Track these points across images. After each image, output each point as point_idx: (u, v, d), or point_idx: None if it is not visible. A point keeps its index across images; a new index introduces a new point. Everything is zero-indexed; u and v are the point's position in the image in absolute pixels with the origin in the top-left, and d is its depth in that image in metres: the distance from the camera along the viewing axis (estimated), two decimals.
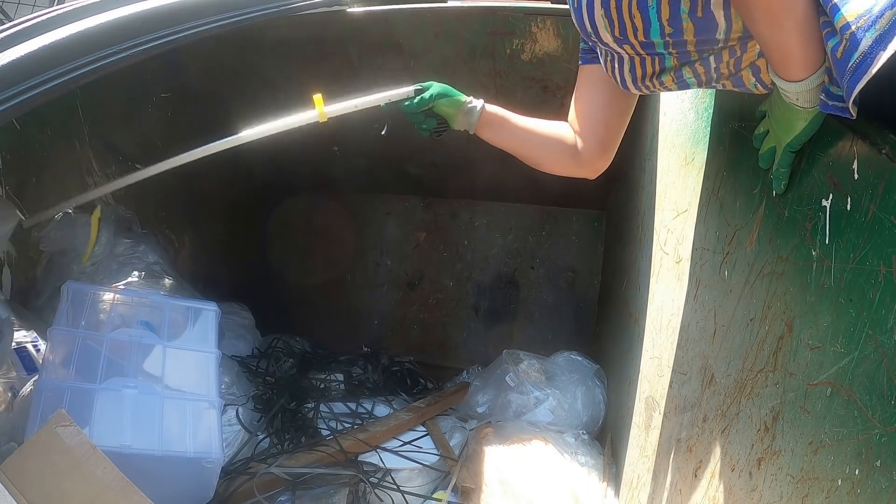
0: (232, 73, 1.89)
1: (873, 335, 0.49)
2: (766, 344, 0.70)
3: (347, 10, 1.53)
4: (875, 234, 0.51)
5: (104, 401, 1.08)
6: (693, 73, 0.73)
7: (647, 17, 0.65)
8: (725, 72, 0.71)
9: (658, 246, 1.32)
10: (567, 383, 1.76)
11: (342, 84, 1.90)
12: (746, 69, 0.69)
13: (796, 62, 0.67)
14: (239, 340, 1.89)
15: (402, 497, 1.41)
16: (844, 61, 0.54)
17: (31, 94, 0.75)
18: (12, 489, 0.68)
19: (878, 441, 0.46)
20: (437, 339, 2.32)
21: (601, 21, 0.69)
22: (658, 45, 0.68)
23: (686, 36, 0.65)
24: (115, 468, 0.76)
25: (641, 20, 0.65)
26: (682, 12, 0.63)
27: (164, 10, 0.98)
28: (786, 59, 0.67)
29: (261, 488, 1.28)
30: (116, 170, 1.70)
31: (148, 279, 1.49)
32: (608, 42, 0.71)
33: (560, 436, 1.59)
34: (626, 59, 0.73)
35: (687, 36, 0.65)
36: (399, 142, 2.10)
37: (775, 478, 0.62)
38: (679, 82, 0.75)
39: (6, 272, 1.30)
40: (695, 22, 0.64)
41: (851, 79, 0.53)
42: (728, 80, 0.72)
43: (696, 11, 0.63)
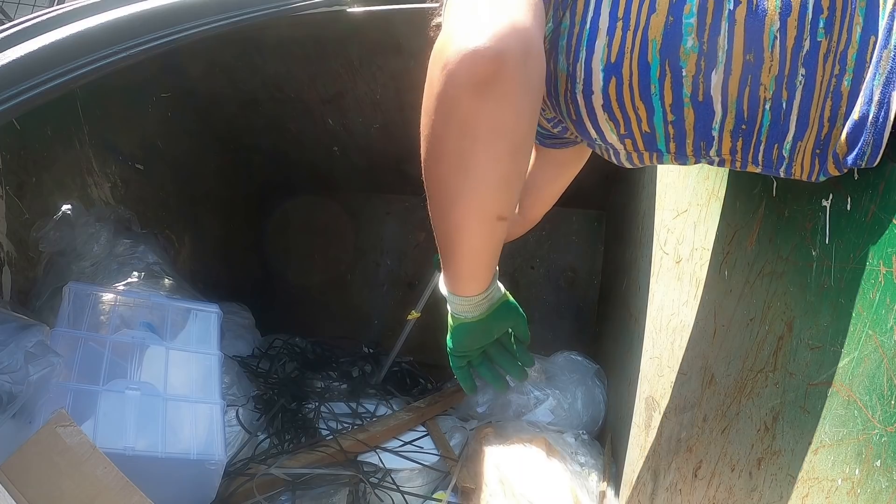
0: (232, 73, 1.89)
1: (873, 335, 0.49)
2: (766, 344, 0.70)
3: (347, 10, 1.53)
4: (875, 234, 0.51)
5: (107, 402, 1.09)
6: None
7: (651, 104, 0.62)
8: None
9: (658, 246, 1.32)
10: (567, 383, 1.76)
11: (342, 84, 1.91)
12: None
13: (462, 273, 0.68)
14: (239, 340, 1.89)
15: (402, 497, 1.41)
16: (862, 120, 0.53)
17: (31, 94, 0.75)
18: (12, 489, 0.68)
19: (878, 441, 0.46)
20: (437, 339, 2.32)
21: (606, 125, 0.66)
22: (659, 139, 0.65)
23: (686, 125, 0.62)
24: (115, 468, 0.76)
25: (645, 109, 0.63)
26: (685, 97, 0.60)
27: (164, 10, 0.98)
28: (449, 264, 0.67)
29: (261, 489, 1.29)
30: (116, 170, 1.70)
31: (148, 279, 1.50)
32: (612, 142, 0.68)
33: (560, 436, 1.59)
34: (623, 154, 0.70)
35: (687, 125, 0.62)
36: (399, 142, 2.11)
37: (775, 478, 0.62)
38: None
39: (6, 272, 1.30)
40: (696, 108, 0.61)
41: (875, 130, 0.52)
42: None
43: (698, 95, 0.60)
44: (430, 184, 0.61)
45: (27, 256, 1.37)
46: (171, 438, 1.12)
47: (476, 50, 0.51)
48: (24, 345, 0.94)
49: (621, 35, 0.61)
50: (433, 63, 0.55)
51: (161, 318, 1.32)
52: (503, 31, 0.52)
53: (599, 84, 0.63)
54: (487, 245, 0.65)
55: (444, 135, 0.55)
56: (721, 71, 0.58)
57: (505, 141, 0.55)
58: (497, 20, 0.53)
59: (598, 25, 0.62)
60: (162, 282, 1.53)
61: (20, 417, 0.92)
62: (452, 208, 0.60)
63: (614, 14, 0.62)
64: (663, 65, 0.60)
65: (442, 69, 0.53)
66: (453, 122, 0.54)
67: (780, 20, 0.56)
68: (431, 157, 0.58)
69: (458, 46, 0.52)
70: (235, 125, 2.16)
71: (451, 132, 0.55)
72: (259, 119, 2.12)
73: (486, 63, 0.51)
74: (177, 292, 1.53)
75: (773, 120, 0.59)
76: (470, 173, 0.57)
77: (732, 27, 0.57)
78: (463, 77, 0.52)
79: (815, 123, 0.57)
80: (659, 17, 0.59)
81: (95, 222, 1.49)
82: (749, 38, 0.57)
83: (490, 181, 0.57)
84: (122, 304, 1.29)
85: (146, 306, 1.32)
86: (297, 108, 2.01)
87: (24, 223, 1.35)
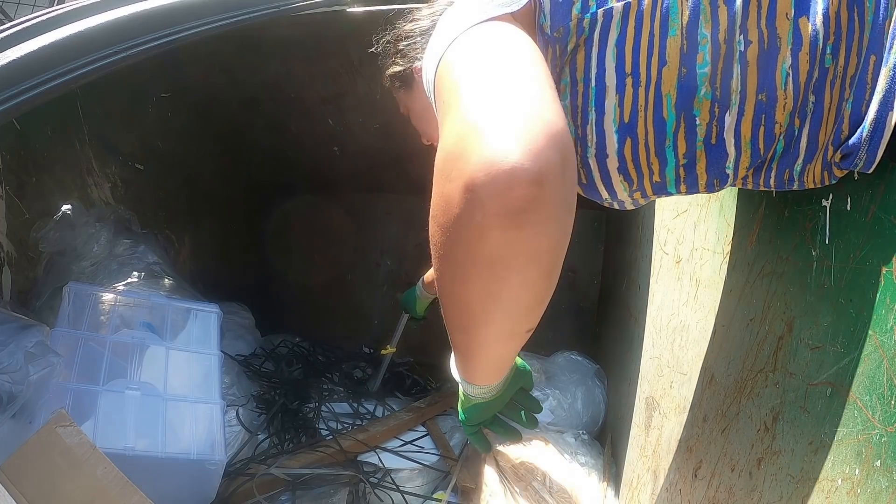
0: (232, 73, 1.89)
1: (873, 335, 0.49)
2: (766, 344, 0.70)
3: (347, 10, 1.52)
4: (875, 234, 0.51)
5: (107, 403, 1.09)
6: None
7: (665, 157, 0.59)
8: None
9: (658, 246, 1.32)
10: (567, 383, 1.76)
11: (342, 84, 1.91)
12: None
13: (482, 373, 0.66)
14: (239, 340, 1.89)
15: (402, 497, 1.41)
16: (858, 138, 0.53)
17: (31, 94, 0.75)
18: (12, 489, 0.68)
19: (878, 441, 0.46)
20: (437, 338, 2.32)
21: (620, 186, 0.62)
22: (670, 184, 0.62)
23: (698, 168, 0.60)
24: (115, 468, 0.76)
25: (658, 163, 0.59)
26: (698, 142, 0.58)
27: (164, 10, 0.98)
28: (469, 366, 0.64)
29: (261, 489, 1.29)
30: (116, 170, 1.70)
31: (148, 279, 1.50)
32: (623, 199, 0.65)
33: (560, 436, 1.59)
34: (630, 203, 0.67)
35: (699, 168, 0.60)
36: (399, 142, 2.10)
37: (775, 478, 0.62)
38: None
39: (6, 272, 1.30)
40: (707, 151, 0.58)
41: (870, 148, 0.52)
42: None
43: (711, 139, 0.57)
44: (448, 301, 0.53)
45: (27, 256, 1.37)
46: (171, 438, 1.12)
47: (512, 171, 0.41)
48: (24, 345, 0.94)
49: (633, 92, 0.57)
50: (446, 172, 0.45)
51: (161, 318, 1.32)
52: (541, 141, 0.42)
53: (614, 146, 0.60)
54: (514, 352, 0.61)
55: (468, 263, 0.47)
56: (734, 113, 0.56)
57: (541, 266, 0.47)
58: (531, 123, 0.43)
59: (605, 83, 0.58)
60: (162, 282, 1.53)
61: (20, 417, 0.92)
62: (479, 329, 0.53)
63: (621, 69, 0.58)
64: (679, 118, 0.57)
65: (465, 189, 0.43)
66: (480, 253, 0.45)
67: (792, 56, 0.54)
68: (451, 280, 0.50)
69: (487, 162, 0.42)
70: (235, 125, 2.15)
71: (477, 261, 0.46)
72: (259, 119, 2.12)
73: (525, 188, 0.41)
74: (177, 292, 1.53)
75: (786, 147, 0.58)
76: (501, 301, 0.49)
77: (745, 69, 0.55)
78: (495, 205, 0.42)
79: (823, 147, 0.57)
80: (671, 71, 0.56)
81: (95, 222, 1.49)
82: (762, 77, 0.55)
83: (523, 305, 0.51)
84: (122, 304, 1.29)
85: (146, 306, 1.32)
86: (297, 108, 2.01)
87: (24, 223, 1.35)
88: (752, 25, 0.54)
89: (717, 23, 0.55)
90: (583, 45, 0.59)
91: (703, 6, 0.55)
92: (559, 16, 0.59)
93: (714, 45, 0.55)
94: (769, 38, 0.54)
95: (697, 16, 0.55)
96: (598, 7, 0.58)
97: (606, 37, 0.58)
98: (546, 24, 0.59)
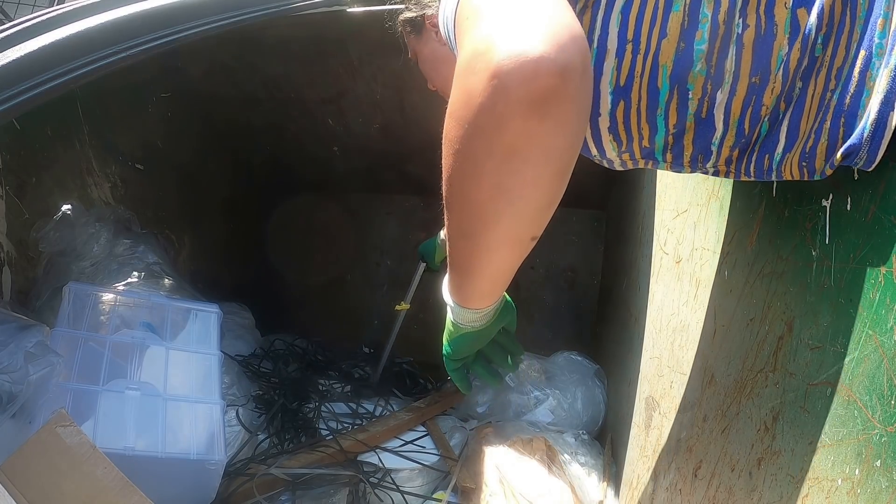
0: (232, 73, 1.89)
1: (873, 335, 0.49)
2: (766, 344, 0.70)
3: (347, 10, 1.53)
4: (875, 234, 0.51)
5: (107, 402, 1.09)
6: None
7: (655, 125, 0.61)
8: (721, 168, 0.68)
9: (658, 246, 1.32)
10: (567, 383, 1.76)
11: (342, 84, 1.91)
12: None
13: (479, 290, 0.65)
14: (239, 340, 1.89)
15: (402, 497, 1.41)
16: (859, 137, 0.53)
17: (31, 94, 0.75)
18: (12, 489, 0.68)
19: (878, 441, 0.46)
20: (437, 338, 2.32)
21: (609, 144, 0.64)
22: (658, 151, 0.64)
23: (685, 139, 0.62)
24: (115, 468, 0.76)
25: (648, 129, 0.62)
26: (688, 115, 0.59)
27: (164, 10, 0.98)
28: (467, 281, 0.64)
29: (261, 489, 1.29)
30: (116, 170, 1.70)
31: (148, 279, 1.50)
32: (611, 157, 0.67)
33: (560, 436, 1.59)
34: (618, 163, 0.69)
35: (686, 140, 0.62)
36: (399, 142, 2.11)
37: (775, 478, 0.62)
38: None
39: (6, 272, 1.30)
40: (696, 124, 0.60)
41: (871, 147, 0.52)
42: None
43: (701, 113, 0.59)
44: (456, 203, 0.54)
45: (27, 256, 1.37)
46: (171, 438, 1.12)
47: (538, 60, 0.42)
48: (24, 345, 0.94)
49: (631, 58, 0.59)
50: (471, 67, 0.46)
51: (161, 318, 1.32)
52: (565, 38, 0.44)
53: (607, 107, 0.61)
54: (516, 265, 0.61)
55: (484, 154, 0.47)
56: (726, 91, 0.58)
57: (556, 164, 0.48)
58: (555, 23, 0.45)
59: (606, 46, 0.60)
60: (162, 282, 1.53)
61: (20, 417, 0.92)
62: (485, 232, 0.54)
63: (623, 35, 0.59)
64: (672, 89, 0.59)
65: (490, 77, 0.44)
66: (499, 142, 0.46)
67: (789, 44, 0.55)
68: (462, 176, 0.50)
69: (514, 52, 0.43)
70: (235, 125, 2.16)
71: (494, 153, 0.47)
72: (259, 119, 2.12)
73: (549, 77, 0.43)
74: (177, 292, 1.53)
75: (769, 130, 0.59)
76: (513, 198, 0.50)
77: (740, 51, 0.56)
78: (520, 92, 0.43)
79: (804, 136, 0.58)
80: (670, 43, 0.58)
81: (95, 222, 1.49)
82: (757, 61, 0.56)
83: (533, 206, 0.51)
84: (122, 304, 1.29)
85: (146, 306, 1.32)
86: (297, 108, 2.01)
87: (24, 223, 1.35)
88: (751, 10, 0.56)
89: (719, 4, 0.57)
90: (590, 6, 0.60)
91: None
92: None
93: (713, 24, 0.57)
94: (766, 24, 0.56)
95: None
96: None
97: (613, 2, 0.59)
98: None
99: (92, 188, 1.60)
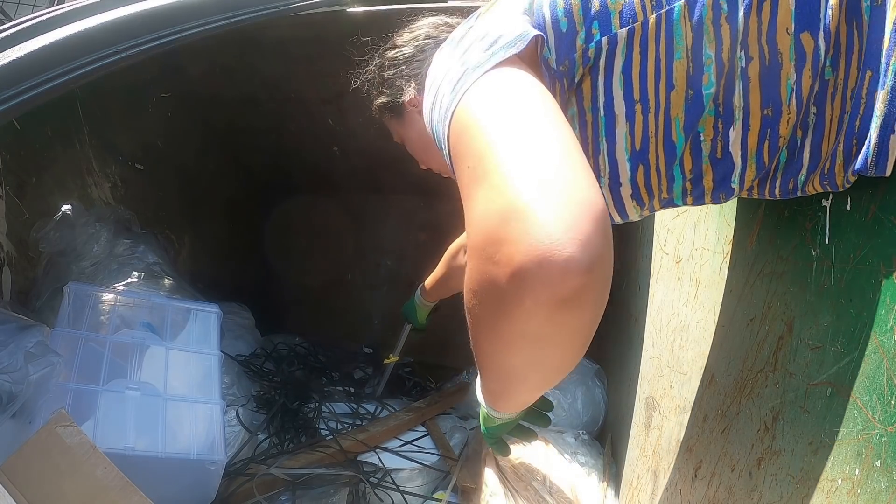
0: (232, 73, 1.89)
1: (873, 335, 0.49)
2: (766, 344, 0.70)
3: (347, 10, 1.53)
4: (875, 234, 0.51)
5: (107, 403, 1.09)
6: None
7: (673, 175, 0.60)
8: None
9: (658, 246, 1.32)
10: (567, 383, 1.76)
11: (342, 84, 1.90)
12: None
13: (511, 408, 0.69)
14: (239, 340, 1.89)
15: (402, 497, 1.41)
16: (864, 163, 0.52)
17: (31, 94, 0.75)
18: (12, 489, 0.68)
19: (878, 441, 0.46)
20: (437, 338, 2.32)
21: (633, 210, 0.63)
22: (677, 198, 0.63)
23: (705, 182, 0.61)
24: (115, 468, 0.76)
25: (667, 182, 0.61)
26: (703, 157, 0.58)
27: (164, 10, 0.98)
28: (499, 403, 0.66)
29: (261, 489, 1.29)
30: (116, 170, 1.70)
31: (147, 280, 1.50)
32: (633, 218, 0.66)
33: (560, 436, 1.59)
34: (637, 217, 0.67)
35: (706, 182, 0.60)
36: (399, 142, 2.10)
37: (775, 478, 0.62)
38: None
39: (6, 272, 1.30)
40: (713, 164, 0.59)
41: (877, 171, 0.51)
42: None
43: (716, 153, 0.58)
44: (485, 361, 0.54)
45: (27, 256, 1.37)
46: (171, 438, 1.12)
47: (565, 265, 0.41)
48: (24, 345, 0.94)
49: (643, 119, 0.58)
50: (490, 254, 0.44)
51: (161, 318, 1.32)
52: (588, 227, 0.42)
53: (627, 175, 0.60)
54: (549, 388, 0.62)
55: (515, 336, 0.47)
56: (739, 128, 0.56)
57: (583, 337, 0.48)
58: (575, 209, 0.42)
59: (613, 112, 0.58)
60: (162, 282, 1.53)
61: (20, 417, 0.92)
62: (514, 387, 0.56)
63: (630, 96, 0.57)
64: (688, 139, 0.58)
65: (513, 276, 0.42)
66: (528, 332, 0.46)
67: (797, 72, 0.54)
68: (491, 348, 0.50)
69: (538, 255, 0.41)
70: (235, 125, 2.15)
71: (525, 336, 0.46)
72: (259, 119, 2.12)
73: (576, 278, 0.41)
74: (177, 292, 1.53)
75: (789, 157, 0.58)
76: (546, 365, 0.51)
77: (747, 85, 0.55)
78: (546, 295, 0.42)
79: (825, 158, 0.57)
80: (678, 94, 0.56)
81: (95, 222, 1.49)
82: (765, 93, 0.55)
83: (559, 367, 0.52)
84: (122, 304, 1.29)
85: (146, 306, 1.32)
86: (297, 108, 2.01)
87: (24, 223, 1.35)
88: (752, 41, 0.54)
89: (721, 41, 0.55)
90: (588, 73, 0.58)
91: (705, 25, 0.55)
92: (564, 49, 0.58)
93: (718, 63, 0.55)
94: (770, 55, 0.54)
95: (701, 36, 0.55)
96: (602, 35, 0.57)
97: (612, 64, 0.57)
98: (551, 59, 0.58)
99: (92, 188, 1.60)
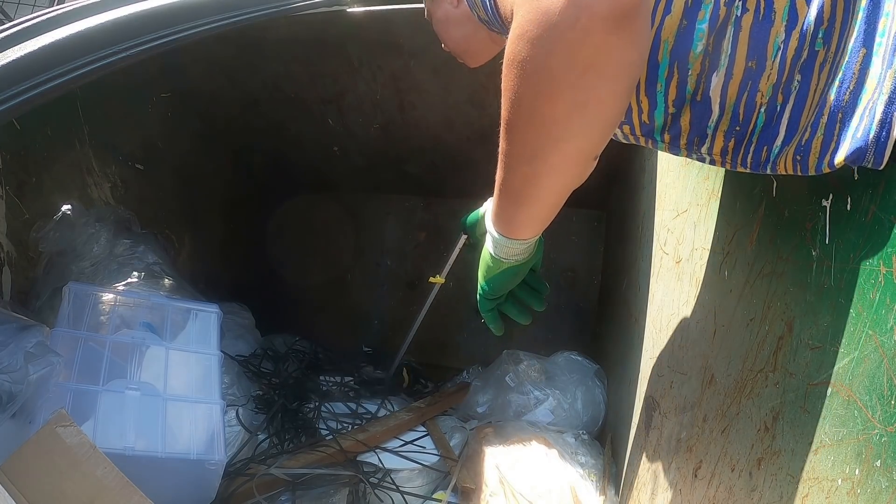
0: (232, 73, 1.89)
1: (873, 335, 0.49)
2: (766, 344, 0.70)
3: (347, 10, 1.53)
4: (875, 234, 0.51)
5: (107, 403, 1.09)
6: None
7: (655, 100, 0.63)
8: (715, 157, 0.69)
9: (658, 246, 1.32)
10: (567, 383, 1.76)
11: (342, 84, 1.91)
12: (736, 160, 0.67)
13: (533, 217, 0.65)
14: (239, 340, 1.89)
15: (402, 497, 1.41)
16: (864, 136, 0.52)
17: (31, 94, 0.75)
18: (12, 489, 0.68)
19: (878, 441, 0.46)
20: (437, 338, 2.32)
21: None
22: (657, 129, 0.66)
23: (682, 122, 0.63)
24: (115, 468, 0.76)
25: (648, 103, 0.64)
26: (687, 93, 0.61)
27: (164, 10, 0.98)
28: (522, 210, 0.64)
29: (261, 489, 1.29)
30: (116, 170, 1.70)
31: (147, 280, 1.50)
32: (617, 136, 0.69)
33: (560, 436, 1.59)
34: (620, 135, 0.70)
35: (683, 122, 0.63)
36: (399, 142, 2.11)
37: (775, 478, 0.62)
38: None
39: (6, 272, 1.30)
40: (692, 106, 0.62)
41: (877, 149, 0.52)
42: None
43: (697, 95, 0.61)
44: (523, 125, 0.54)
45: (27, 256, 1.37)
46: (171, 438, 1.12)
47: None
48: (24, 345, 0.94)
49: None
50: None
51: (161, 318, 1.32)
52: None
53: None
54: (572, 188, 0.61)
55: (562, 70, 0.48)
56: (722, 74, 0.59)
57: (628, 79, 0.50)
58: None
59: None
60: (162, 282, 1.53)
61: (20, 417, 0.92)
62: (556, 148, 0.55)
63: None
64: (671, 65, 0.60)
65: None
66: (579, 57, 0.47)
67: (786, 32, 0.56)
68: (535, 95, 0.51)
69: None
70: (235, 125, 2.16)
71: (573, 68, 0.48)
72: (259, 119, 2.12)
73: None
74: (177, 292, 1.53)
75: (766, 122, 0.60)
76: (587, 113, 0.51)
77: (737, 33, 0.58)
78: (603, 7, 0.45)
79: (802, 129, 0.58)
80: (673, 20, 0.59)
81: (95, 222, 1.49)
82: (753, 46, 0.57)
83: (603, 121, 0.53)
84: (122, 304, 1.29)
85: (146, 306, 1.32)
86: (297, 108, 2.01)
87: (24, 223, 1.35)
88: None
89: None
90: None
91: None
92: None
93: (715, 5, 0.58)
94: (765, 11, 0.57)
95: None
96: None
97: None
98: None
99: (92, 188, 1.60)
